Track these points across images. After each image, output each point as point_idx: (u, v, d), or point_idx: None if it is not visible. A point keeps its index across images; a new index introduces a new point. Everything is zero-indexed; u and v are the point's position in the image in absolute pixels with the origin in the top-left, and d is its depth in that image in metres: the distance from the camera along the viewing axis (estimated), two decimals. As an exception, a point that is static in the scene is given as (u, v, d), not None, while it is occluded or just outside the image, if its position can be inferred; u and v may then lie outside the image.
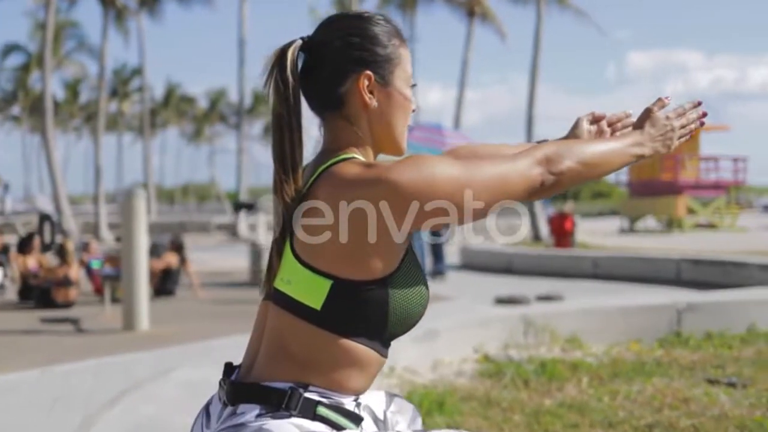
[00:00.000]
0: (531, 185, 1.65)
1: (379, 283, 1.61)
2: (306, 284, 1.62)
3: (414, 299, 1.66)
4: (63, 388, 5.56)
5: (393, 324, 1.65)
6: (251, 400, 1.63)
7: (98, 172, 31.48)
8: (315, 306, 1.61)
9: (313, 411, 1.61)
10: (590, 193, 71.70)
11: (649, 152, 1.86)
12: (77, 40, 46.37)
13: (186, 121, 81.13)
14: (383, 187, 1.55)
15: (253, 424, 1.59)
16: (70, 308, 10.67)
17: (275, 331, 1.67)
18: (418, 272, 1.68)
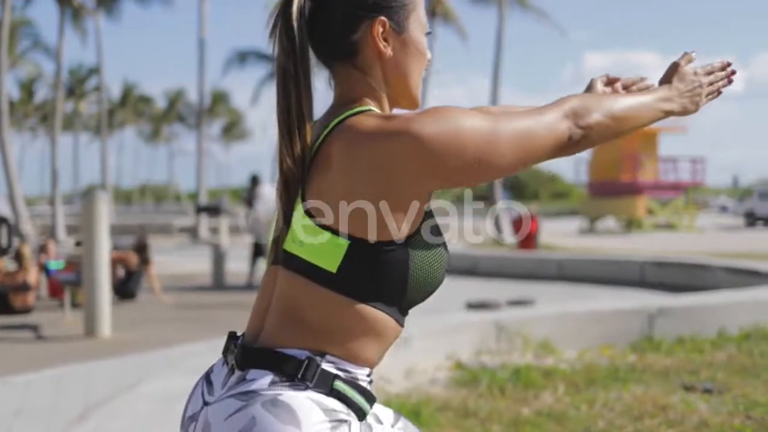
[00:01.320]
0: (559, 140, 1.53)
1: (399, 244, 1.48)
2: (320, 245, 1.49)
3: (435, 263, 1.53)
4: (24, 401, 5.38)
5: (412, 289, 1.51)
6: (263, 366, 1.49)
7: (55, 174, 31.02)
8: (330, 269, 1.48)
9: (330, 385, 1.48)
10: (549, 193, 72.18)
11: (678, 108, 1.73)
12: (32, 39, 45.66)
13: (144, 121, 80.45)
14: (406, 139, 1.43)
15: (267, 392, 1.45)
16: (28, 314, 10.42)
17: (286, 297, 1.53)
18: (438, 234, 1.55)
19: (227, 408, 1.46)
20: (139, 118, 78.62)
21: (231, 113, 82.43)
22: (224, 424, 1.45)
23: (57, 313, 10.31)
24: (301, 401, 1.44)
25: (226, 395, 1.48)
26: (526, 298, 8.35)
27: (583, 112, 1.54)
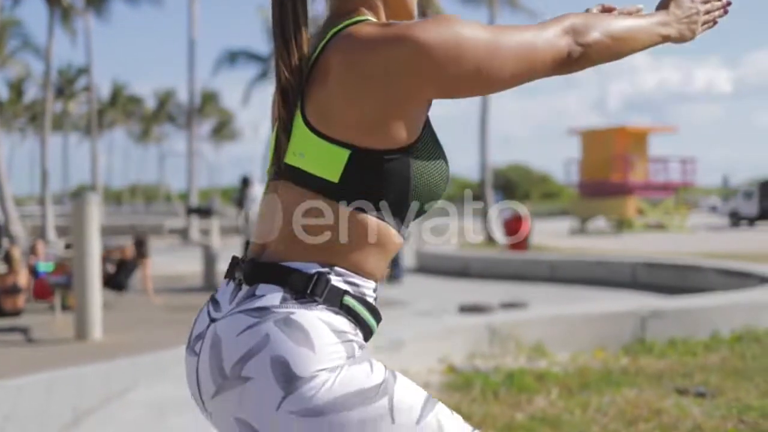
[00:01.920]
0: (558, 55, 1.52)
1: (400, 152, 1.49)
2: (321, 156, 1.49)
3: (436, 173, 1.54)
4: (14, 405, 5.35)
5: (414, 198, 1.53)
6: (272, 281, 1.48)
7: (45, 175, 30.88)
8: (333, 179, 1.49)
9: (340, 301, 1.48)
10: (540, 193, 72.31)
11: (675, 34, 1.72)
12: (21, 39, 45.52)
13: (133, 121, 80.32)
14: (407, 46, 1.43)
15: (280, 310, 1.44)
16: (19, 316, 10.37)
17: (290, 211, 1.53)
18: (438, 145, 1.56)
19: (238, 323, 1.45)
20: (129, 119, 78.51)
21: (221, 113, 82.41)
22: (236, 340, 1.44)
23: (47, 315, 10.26)
24: (313, 322, 1.43)
25: (237, 310, 1.47)
26: (519, 301, 8.34)
27: (583, 30, 1.55)
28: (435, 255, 16.77)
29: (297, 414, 1.39)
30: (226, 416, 1.46)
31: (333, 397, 1.40)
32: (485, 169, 26.33)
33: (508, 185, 72.17)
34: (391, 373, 1.47)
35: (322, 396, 1.40)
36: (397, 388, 1.45)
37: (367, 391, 1.42)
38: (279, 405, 1.39)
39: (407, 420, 1.44)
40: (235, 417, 1.44)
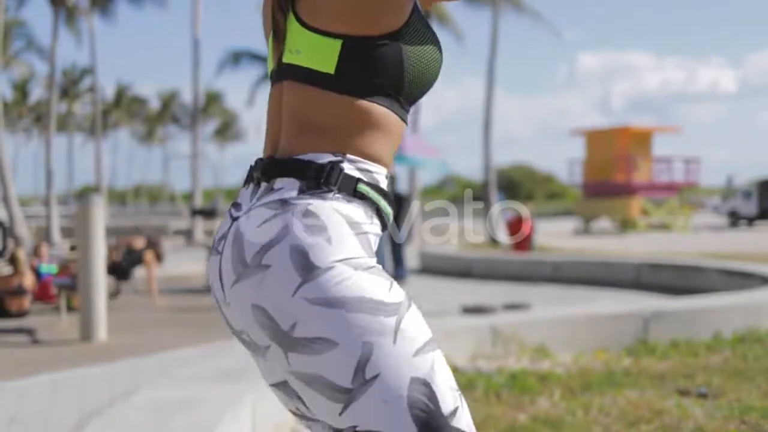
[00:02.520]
0: None
1: (389, 38, 1.56)
2: (316, 49, 1.56)
3: (428, 55, 1.61)
4: (19, 407, 5.38)
5: (409, 82, 1.59)
6: (289, 174, 1.55)
7: (49, 176, 30.94)
8: (329, 70, 1.55)
9: (354, 188, 1.55)
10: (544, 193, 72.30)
11: None
12: (25, 40, 45.62)
13: (138, 122, 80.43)
14: None
15: (297, 202, 1.51)
16: (24, 317, 10.42)
17: (294, 107, 1.60)
18: (429, 29, 1.62)
19: (259, 216, 1.52)
20: (133, 119, 78.59)
21: (225, 114, 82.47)
22: (257, 231, 1.50)
23: (53, 317, 10.31)
24: (329, 214, 1.50)
25: (257, 205, 1.55)
26: (522, 302, 8.37)
27: None
28: (438, 256, 16.81)
29: (310, 301, 1.45)
30: (244, 303, 1.52)
31: (347, 295, 1.45)
32: (488, 169, 26.35)
33: (512, 185, 72.12)
34: (407, 300, 1.52)
35: (338, 290, 1.45)
36: (408, 315, 1.50)
37: (381, 303, 1.47)
38: (295, 291, 1.45)
39: (406, 347, 1.47)
40: (252, 303, 1.50)
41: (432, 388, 1.48)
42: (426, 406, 1.47)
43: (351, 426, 1.48)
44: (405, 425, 1.46)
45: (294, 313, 1.46)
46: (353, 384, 1.45)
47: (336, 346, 1.44)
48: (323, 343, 1.45)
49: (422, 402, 1.47)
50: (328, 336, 1.44)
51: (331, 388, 1.46)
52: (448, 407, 1.49)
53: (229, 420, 3.99)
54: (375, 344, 1.45)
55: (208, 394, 4.60)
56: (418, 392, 1.47)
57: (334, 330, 1.45)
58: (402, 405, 1.45)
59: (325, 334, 1.45)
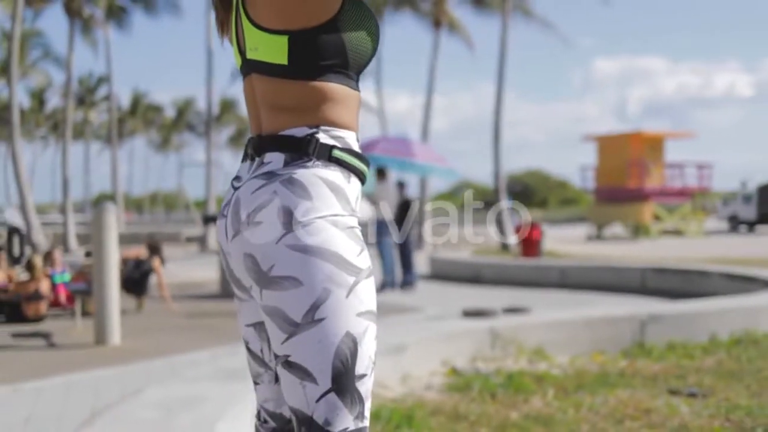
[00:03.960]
0: None
1: (327, 25, 1.84)
2: (269, 45, 1.86)
3: (365, 32, 1.89)
4: (34, 407, 5.61)
5: (353, 58, 1.88)
6: (275, 149, 1.87)
7: (66, 183, 31.26)
8: (283, 62, 1.85)
9: (329, 154, 1.85)
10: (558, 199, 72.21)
11: None
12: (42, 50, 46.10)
13: (153, 130, 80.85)
14: None
15: (283, 172, 1.83)
16: (40, 322, 10.65)
17: (265, 95, 1.91)
18: (363, 8, 1.91)
19: (253, 185, 1.84)
20: (149, 127, 79.00)
21: (240, 121, 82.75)
22: (251, 197, 1.83)
23: (68, 322, 10.54)
24: (311, 179, 1.82)
25: (251, 177, 1.87)
26: (522, 306, 8.54)
27: None
28: (448, 261, 16.96)
29: (290, 247, 1.78)
30: (239, 253, 1.86)
31: (322, 246, 1.78)
32: (498, 175, 26.50)
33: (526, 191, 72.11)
34: (369, 270, 1.85)
35: (314, 240, 1.78)
36: (365, 282, 1.83)
37: (347, 262, 1.81)
38: (279, 239, 1.79)
39: (354, 305, 1.81)
40: (244, 252, 1.84)
41: (357, 348, 1.81)
42: (347, 360, 1.80)
43: (285, 355, 1.82)
44: (323, 368, 1.79)
45: (274, 257, 1.79)
46: (303, 320, 1.78)
47: (300, 285, 1.78)
48: (291, 281, 1.78)
49: (346, 355, 1.80)
50: (297, 275, 1.78)
51: (285, 320, 1.80)
52: (360, 370, 1.82)
53: (231, 416, 4.21)
54: (332, 292, 1.78)
55: (212, 392, 4.82)
56: (346, 345, 1.80)
57: (303, 272, 1.78)
58: (331, 349, 1.79)
59: (294, 274, 1.78)
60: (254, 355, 2.06)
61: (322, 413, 1.80)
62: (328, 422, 1.81)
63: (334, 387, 1.79)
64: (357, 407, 1.83)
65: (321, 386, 1.79)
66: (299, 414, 1.83)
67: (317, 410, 1.80)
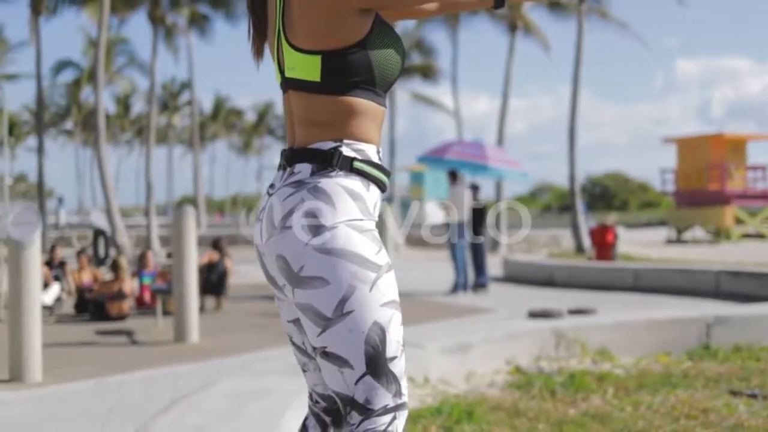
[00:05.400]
0: None
1: (357, 46, 2.07)
2: (304, 65, 2.10)
3: (391, 54, 2.13)
4: (116, 399, 5.94)
5: (379, 76, 2.11)
6: (304, 160, 2.10)
7: (149, 187, 32.05)
8: (316, 79, 2.09)
9: (350, 166, 2.09)
10: (639, 202, 71.25)
11: None
12: (127, 56, 47.37)
13: (234, 134, 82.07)
14: None
15: (309, 180, 2.07)
16: (123, 321, 11.07)
17: (300, 109, 2.15)
18: (390, 32, 2.15)
19: (284, 193, 2.11)
20: (230, 131, 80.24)
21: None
22: (282, 204, 2.10)
23: (150, 320, 10.93)
24: (333, 188, 2.07)
25: (283, 185, 2.13)
26: (588, 307, 8.61)
27: None
28: (521, 263, 17.01)
29: (317, 249, 2.02)
30: (272, 254, 2.11)
31: (345, 248, 2.03)
32: (573, 178, 26.38)
33: (605, 194, 71.33)
34: (388, 266, 2.09)
35: (338, 243, 2.03)
36: (385, 276, 2.08)
37: (368, 261, 2.05)
38: (307, 242, 2.03)
39: (377, 297, 2.05)
40: (277, 254, 2.09)
41: (385, 334, 2.06)
42: (377, 345, 2.05)
43: (322, 346, 2.07)
44: (358, 355, 2.04)
45: (303, 258, 2.03)
46: (333, 314, 2.04)
47: (328, 284, 2.03)
48: (320, 281, 2.03)
49: (375, 341, 2.04)
50: (325, 275, 2.03)
51: (317, 315, 2.05)
52: (390, 352, 2.07)
53: (298, 406, 4.44)
54: (357, 288, 2.03)
55: (281, 385, 5.07)
56: (374, 333, 2.04)
57: (329, 272, 2.02)
58: (361, 337, 2.04)
59: (322, 274, 2.03)
60: (298, 347, 2.32)
61: (362, 394, 2.06)
62: (369, 401, 2.06)
63: (369, 370, 2.04)
64: (393, 386, 2.08)
65: (357, 371, 2.05)
66: (342, 397, 2.09)
67: (357, 392, 2.06)
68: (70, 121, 66.17)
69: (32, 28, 30.70)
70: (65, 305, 12.33)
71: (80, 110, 61.02)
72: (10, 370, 6.93)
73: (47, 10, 30.38)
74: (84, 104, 59.21)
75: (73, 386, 6.61)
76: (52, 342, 8.74)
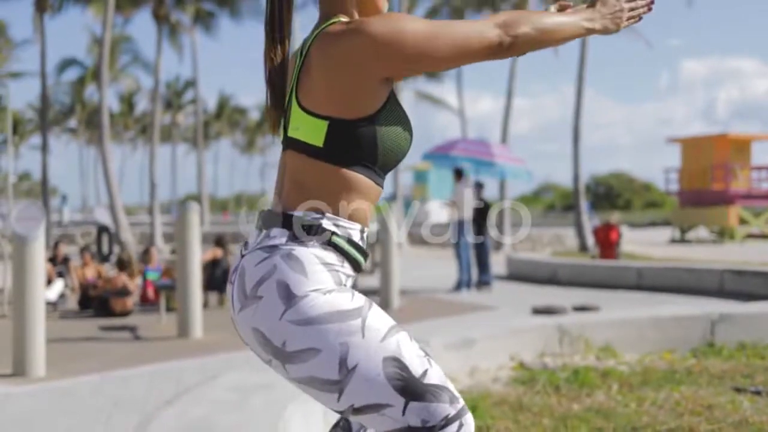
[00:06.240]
0: (490, 44, 1.97)
1: (366, 120, 1.98)
2: (309, 127, 2.00)
3: (399, 134, 2.03)
4: (121, 393, 5.94)
5: (383, 156, 2.02)
6: (281, 225, 2.01)
7: (153, 186, 32.04)
8: (318, 144, 2.00)
9: (329, 239, 1.99)
10: (642, 202, 71.19)
11: (599, 27, 2.13)
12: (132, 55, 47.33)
13: (238, 132, 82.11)
14: (360, 37, 1.94)
15: (284, 247, 1.98)
16: (127, 317, 11.08)
17: (293, 171, 2.05)
18: (401, 113, 2.06)
19: (256, 257, 2.01)
20: (234, 130, 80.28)
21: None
22: (254, 269, 2.00)
23: (154, 316, 10.94)
24: (307, 256, 1.97)
25: (256, 248, 2.04)
26: (592, 305, 8.61)
27: (513, 23, 1.99)
28: (524, 261, 16.99)
29: (294, 323, 1.92)
30: (246, 326, 2.01)
31: (320, 312, 1.93)
32: (577, 178, 26.36)
33: (609, 193, 71.27)
34: (368, 303, 2.00)
35: (312, 310, 1.93)
36: (370, 314, 1.97)
37: (347, 311, 1.94)
38: (281, 316, 1.94)
39: (374, 337, 1.94)
40: (252, 327, 1.99)
41: (402, 361, 1.95)
42: (400, 375, 1.94)
43: (349, 405, 1.96)
44: (388, 393, 1.93)
45: (283, 333, 1.94)
46: (340, 376, 1.93)
47: (320, 352, 1.93)
48: (310, 352, 1.93)
49: (396, 373, 1.93)
50: (313, 346, 1.93)
51: (325, 383, 1.95)
52: (417, 371, 1.96)
53: (302, 399, 4.44)
54: (349, 342, 1.93)
55: (284, 379, 5.06)
56: (391, 367, 1.93)
57: (315, 341, 1.92)
58: (381, 380, 1.93)
59: (309, 345, 1.93)
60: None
61: (415, 418, 1.94)
62: (426, 420, 1.94)
63: (409, 398, 1.93)
64: (443, 394, 1.96)
65: (398, 406, 1.93)
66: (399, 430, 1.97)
67: (410, 420, 1.94)
68: (74, 120, 66.26)
69: (37, 27, 30.75)
70: (69, 301, 12.34)
71: (84, 108, 61.10)
72: (14, 365, 6.94)
73: (52, 8, 30.40)
74: (88, 102, 59.29)
75: (77, 380, 6.61)
76: (55, 337, 8.75)
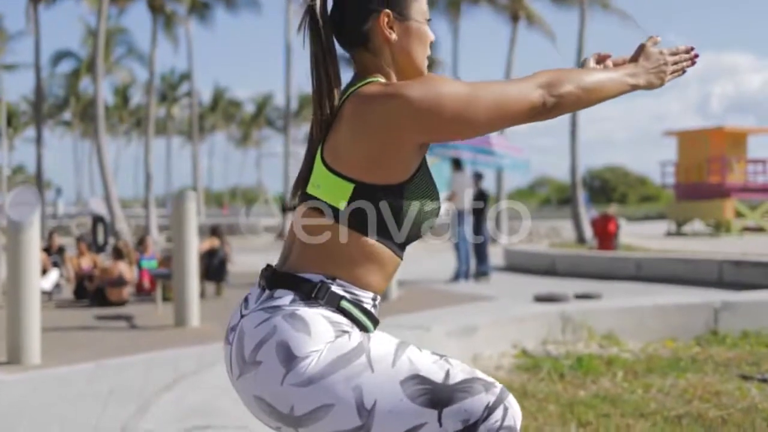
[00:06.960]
0: (532, 106, 1.85)
1: (395, 188, 1.84)
2: (332, 187, 1.86)
3: (426, 206, 1.90)
4: (117, 381, 5.85)
5: (407, 226, 1.88)
6: (286, 287, 1.86)
7: (148, 178, 31.98)
8: (340, 206, 1.85)
9: (337, 304, 1.84)
10: (638, 196, 71.25)
11: (644, 83, 2.03)
12: (126, 47, 47.20)
13: (233, 126, 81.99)
14: (397, 100, 1.81)
15: (288, 307, 1.82)
16: (123, 306, 10.99)
17: (308, 231, 1.90)
18: (431, 184, 1.92)
19: (257, 318, 1.85)
20: (229, 123, 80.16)
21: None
22: (253, 331, 1.84)
23: (150, 306, 10.85)
24: (312, 315, 1.82)
25: (257, 308, 1.87)
26: (594, 293, 8.51)
27: (556, 83, 1.87)
28: (522, 253, 16.94)
29: (296, 385, 1.77)
30: (248, 394, 1.86)
31: (322, 367, 1.77)
32: (575, 171, 26.31)
33: (605, 187, 71.31)
34: (366, 336, 1.85)
35: (313, 368, 1.77)
36: (372, 345, 1.83)
37: (347, 354, 1.80)
38: (282, 381, 1.78)
39: (384, 366, 1.80)
40: (253, 395, 1.84)
41: (420, 375, 1.81)
42: (424, 390, 1.80)
43: None
44: (417, 413, 1.80)
45: (288, 398, 1.78)
46: (362, 420, 1.79)
47: (333, 406, 1.78)
48: (322, 409, 1.78)
49: (418, 390, 1.80)
50: (323, 402, 1.78)
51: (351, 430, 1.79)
52: (439, 377, 1.82)
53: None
54: (360, 384, 1.79)
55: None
56: (411, 386, 1.80)
57: (325, 396, 1.77)
58: (406, 404, 1.79)
59: (320, 403, 1.78)
60: None
61: (454, 423, 1.82)
62: (466, 420, 1.82)
63: (440, 407, 1.81)
64: (475, 386, 1.85)
65: (431, 420, 1.81)
66: None
67: (449, 428, 1.82)
68: (68, 112, 66.14)
69: (31, 18, 30.57)
70: (64, 291, 12.24)
71: (79, 101, 60.97)
72: (8, 352, 6.85)
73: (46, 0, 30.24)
74: (83, 95, 59.14)
75: (73, 368, 6.52)
76: (51, 326, 8.65)
